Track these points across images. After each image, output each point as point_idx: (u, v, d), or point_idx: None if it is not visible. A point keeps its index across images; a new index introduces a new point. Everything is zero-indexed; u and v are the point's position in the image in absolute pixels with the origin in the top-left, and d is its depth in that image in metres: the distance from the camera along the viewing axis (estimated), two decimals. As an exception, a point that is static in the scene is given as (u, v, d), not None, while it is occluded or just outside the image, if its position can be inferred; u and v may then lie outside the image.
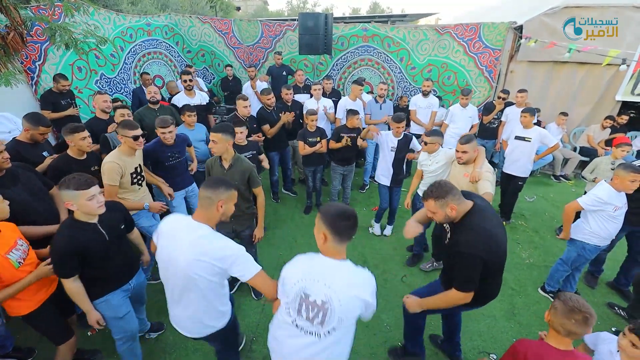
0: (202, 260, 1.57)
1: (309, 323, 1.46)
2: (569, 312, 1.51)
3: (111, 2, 8.43)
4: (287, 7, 36.60)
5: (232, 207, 1.76)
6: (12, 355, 2.51)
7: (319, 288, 1.44)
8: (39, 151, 2.78)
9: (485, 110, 5.45)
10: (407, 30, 6.16)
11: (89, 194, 1.81)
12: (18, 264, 1.87)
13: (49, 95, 4.35)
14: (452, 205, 1.85)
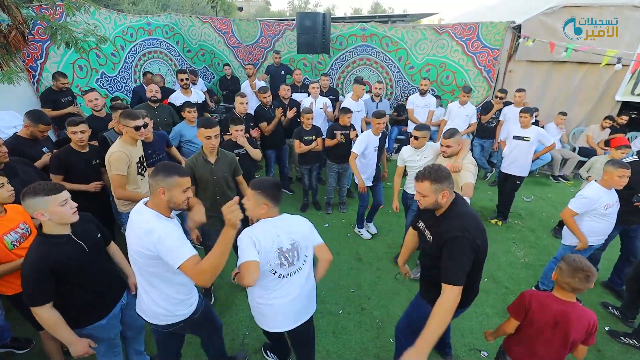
0: (136, 244, 1.60)
1: (292, 265, 1.85)
2: (573, 272, 1.68)
3: (112, 2, 8.51)
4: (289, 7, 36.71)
5: (179, 195, 1.67)
6: (10, 346, 2.56)
7: (284, 238, 1.82)
8: (38, 147, 2.83)
9: (483, 109, 5.46)
10: (405, 29, 6.18)
11: (61, 199, 1.62)
12: (12, 245, 1.94)
13: (49, 93, 4.41)
14: (446, 192, 1.78)
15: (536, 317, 1.76)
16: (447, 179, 1.78)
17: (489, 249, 3.91)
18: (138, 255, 1.62)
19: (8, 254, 1.92)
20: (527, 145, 4.11)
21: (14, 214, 2.02)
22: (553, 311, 1.73)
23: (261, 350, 2.68)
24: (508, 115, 5.06)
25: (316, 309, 3.02)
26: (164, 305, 1.75)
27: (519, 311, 1.83)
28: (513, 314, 1.87)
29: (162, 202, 1.65)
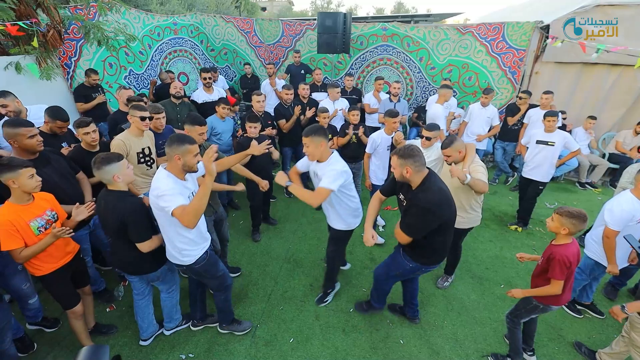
0: (151, 199, 2.01)
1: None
2: (570, 218, 2.06)
3: (141, 2, 8.85)
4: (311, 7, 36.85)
5: (191, 159, 2.05)
6: (40, 324, 2.74)
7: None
8: (58, 142, 2.96)
9: (508, 111, 5.31)
10: (427, 29, 6.10)
11: (126, 164, 2.17)
12: (38, 231, 2.07)
13: (81, 88, 4.65)
14: (408, 168, 2.10)
15: (574, 266, 2.13)
16: (412, 157, 2.09)
17: (507, 255, 3.83)
18: (153, 207, 2.06)
19: (34, 239, 2.05)
20: (552, 150, 3.96)
21: (41, 202, 2.15)
22: (576, 254, 2.12)
23: (271, 343, 2.73)
24: (533, 118, 4.89)
25: (327, 307, 3.10)
26: (172, 250, 2.22)
27: (565, 272, 2.11)
28: (562, 277, 2.11)
29: (178, 165, 2.04)
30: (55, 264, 2.22)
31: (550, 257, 2.13)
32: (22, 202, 2.03)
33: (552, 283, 2.14)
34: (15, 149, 2.33)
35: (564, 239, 2.15)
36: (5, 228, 1.92)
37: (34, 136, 2.33)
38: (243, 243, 4.03)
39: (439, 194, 2.11)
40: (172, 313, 2.71)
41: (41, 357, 2.57)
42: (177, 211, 1.93)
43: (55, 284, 2.26)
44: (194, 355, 2.62)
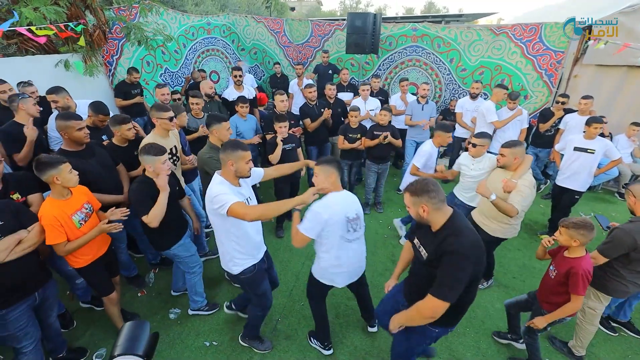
0: (207, 202, 2.06)
1: (356, 232, 2.24)
2: (577, 229, 2.02)
3: (178, 3, 9.22)
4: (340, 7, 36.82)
5: (243, 165, 2.09)
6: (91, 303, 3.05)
7: (352, 209, 2.21)
8: (99, 135, 3.17)
9: (541, 117, 5.08)
10: (459, 30, 5.96)
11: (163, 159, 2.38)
12: (80, 224, 2.21)
13: (122, 85, 4.94)
14: (425, 206, 1.70)
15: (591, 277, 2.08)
16: (427, 193, 1.68)
17: (536, 265, 3.70)
18: (210, 215, 2.10)
19: (77, 232, 2.19)
20: (591, 158, 3.74)
21: (79, 195, 2.27)
22: (592, 265, 2.13)
23: (291, 337, 2.79)
24: (570, 124, 4.65)
25: (347, 305, 3.12)
26: (223, 257, 2.31)
27: (587, 286, 2.08)
28: (584, 292, 2.06)
29: (231, 171, 2.10)
30: (92, 256, 2.37)
31: (572, 272, 2.04)
32: (63, 197, 2.15)
33: (574, 299, 2.07)
34: (65, 141, 2.52)
35: (578, 251, 2.09)
36: (50, 223, 2.03)
37: (82, 129, 2.51)
38: (266, 239, 4.10)
39: (472, 236, 1.66)
40: (192, 294, 2.89)
41: (80, 334, 2.77)
42: (234, 206, 1.91)
43: (92, 274, 2.41)
44: (218, 343, 2.73)
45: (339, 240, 2.19)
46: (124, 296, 3.10)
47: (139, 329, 1.05)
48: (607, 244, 2.35)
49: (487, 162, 3.16)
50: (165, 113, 2.88)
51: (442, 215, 1.72)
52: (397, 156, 6.25)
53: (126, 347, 1.00)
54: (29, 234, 2.00)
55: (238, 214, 1.91)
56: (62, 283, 2.83)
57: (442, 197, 1.71)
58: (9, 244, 1.88)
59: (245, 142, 4.04)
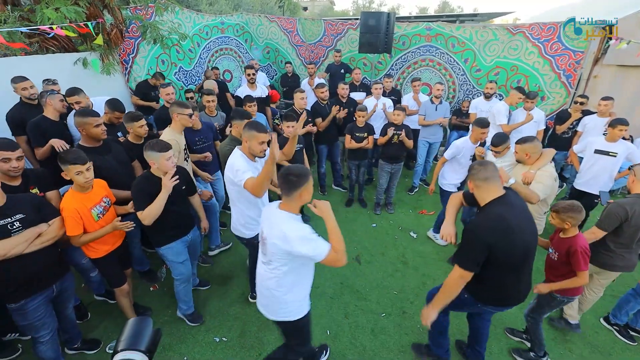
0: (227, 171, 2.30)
1: (264, 255, 1.88)
2: (566, 212, 2.19)
3: (192, 3, 9.33)
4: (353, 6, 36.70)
5: (256, 145, 2.29)
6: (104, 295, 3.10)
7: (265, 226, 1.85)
8: (114, 131, 3.23)
9: (557, 119, 4.95)
10: (474, 29, 5.86)
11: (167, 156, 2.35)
12: (98, 217, 2.27)
13: (144, 85, 4.99)
14: (471, 184, 1.97)
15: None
16: (477, 172, 1.90)
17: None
18: (228, 182, 2.35)
19: (94, 225, 2.25)
20: (613, 161, 3.60)
21: (98, 189, 2.35)
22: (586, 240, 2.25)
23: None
24: (589, 126, 4.52)
25: (356, 305, 3.10)
26: (238, 223, 2.54)
27: (587, 261, 2.20)
28: (587, 267, 2.18)
29: (245, 148, 2.32)
30: (109, 248, 2.44)
31: (571, 250, 2.20)
32: (84, 191, 2.22)
33: (580, 274, 2.21)
34: (83, 137, 2.58)
35: (572, 231, 2.25)
36: (71, 215, 2.12)
37: (99, 125, 2.56)
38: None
39: (493, 220, 1.82)
40: (177, 299, 2.83)
41: (94, 325, 2.84)
42: (248, 182, 2.19)
43: (106, 265, 2.48)
44: (227, 339, 2.75)
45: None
46: (136, 290, 3.15)
47: (142, 325, 1.09)
48: (603, 218, 2.53)
49: (511, 157, 3.22)
50: (186, 109, 2.94)
51: (486, 193, 1.92)
52: (408, 156, 6.19)
53: (129, 343, 1.03)
54: (49, 227, 2.05)
55: (251, 191, 2.21)
56: (77, 276, 2.89)
57: (485, 176, 1.89)
58: (29, 236, 1.93)
59: None
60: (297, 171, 1.74)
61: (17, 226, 1.91)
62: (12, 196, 1.94)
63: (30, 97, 3.25)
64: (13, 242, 1.87)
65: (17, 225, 1.91)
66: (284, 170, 1.75)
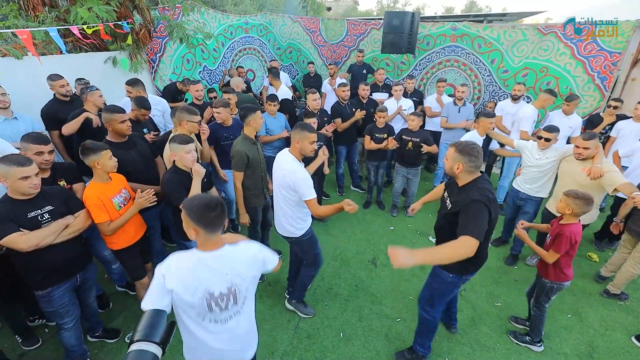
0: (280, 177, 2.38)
1: (226, 310, 1.48)
2: (575, 199, 2.28)
3: (218, 3, 9.52)
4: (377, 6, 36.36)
5: (307, 145, 2.35)
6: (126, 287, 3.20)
7: (217, 281, 1.43)
8: (140, 128, 3.33)
9: (589, 123, 4.69)
10: (502, 29, 5.65)
11: (187, 148, 2.41)
12: (119, 207, 2.36)
13: (173, 88, 5.07)
14: (460, 164, 1.99)
15: (577, 244, 2.34)
16: (469, 155, 1.96)
17: (579, 283, 3.44)
18: (282, 187, 2.40)
19: (116, 214, 2.33)
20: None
21: (117, 181, 2.43)
22: (580, 232, 2.35)
23: (313, 336, 2.78)
24: (623, 131, 4.24)
25: (371, 309, 3.06)
26: (287, 223, 2.58)
27: (567, 247, 2.33)
28: (561, 251, 2.34)
29: (297, 149, 2.39)
30: (131, 239, 2.51)
31: (559, 234, 2.35)
32: (104, 181, 2.32)
33: (550, 253, 2.39)
34: (109, 132, 2.68)
35: (570, 219, 2.36)
36: (94, 202, 2.21)
37: (125, 121, 2.65)
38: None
39: (489, 194, 1.93)
40: None
41: (115, 315, 2.95)
42: (311, 202, 2.31)
43: (127, 257, 2.55)
44: (241, 336, 2.78)
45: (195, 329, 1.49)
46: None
47: (158, 317, 1.11)
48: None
49: (554, 152, 3.21)
50: (195, 117, 2.96)
51: (469, 177, 2.03)
52: (429, 159, 6.06)
53: (145, 334, 1.05)
54: (76, 219, 2.14)
55: (311, 209, 2.37)
56: (100, 267, 3.01)
57: (479, 165, 2.00)
58: (57, 227, 2.03)
59: (274, 138, 4.10)
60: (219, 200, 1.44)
61: (47, 218, 2.01)
62: (42, 189, 2.04)
63: (64, 94, 3.42)
64: (44, 233, 1.96)
65: (47, 217, 2.01)
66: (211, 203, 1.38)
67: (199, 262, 1.42)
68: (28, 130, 3.08)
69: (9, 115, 3.15)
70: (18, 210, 1.92)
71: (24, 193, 1.92)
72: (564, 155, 3.17)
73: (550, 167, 3.25)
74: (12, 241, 1.86)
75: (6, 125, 3.10)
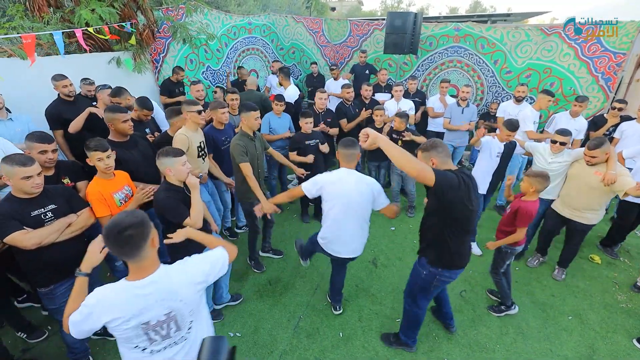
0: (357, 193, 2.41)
1: (168, 338, 1.39)
2: (536, 177, 2.63)
3: (221, 3, 9.56)
4: (381, 7, 36.29)
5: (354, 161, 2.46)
6: None
7: (153, 310, 1.32)
8: (142, 128, 3.37)
9: (592, 124, 4.65)
10: (505, 30, 5.63)
11: (182, 160, 2.25)
12: (120, 203, 2.40)
13: (168, 83, 5.19)
14: (433, 159, 2.08)
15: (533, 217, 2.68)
16: (435, 148, 2.08)
17: (580, 284, 3.42)
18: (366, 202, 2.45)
19: (117, 210, 2.36)
20: None
21: (120, 178, 2.48)
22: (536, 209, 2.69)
23: (312, 335, 2.80)
24: (627, 133, 4.19)
25: (370, 309, 3.07)
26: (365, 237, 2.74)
27: (528, 221, 2.63)
28: (525, 225, 2.65)
29: (352, 165, 2.46)
30: None
31: (519, 210, 2.63)
32: (106, 177, 2.37)
33: (518, 231, 2.67)
34: (112, 131, 2.71)
35: (532, 196, 2.68)
36: (96, 197, 2.26)
37: (127, 121, 2.68)
38: (295, 235, 4.16)
39: (451, 177, 1.91)
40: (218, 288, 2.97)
41: (117, 313, 2.97)
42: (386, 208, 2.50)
43: None
44: (241, 335, 2.80)
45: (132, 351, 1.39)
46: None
47: (218, 343, 1.09)
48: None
49: (567, 156, 3.24)
50: (194, 107, 2.97)
51: (446, 166, 2.07)
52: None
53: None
54: (78, 217, 2.18)
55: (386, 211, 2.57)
56: (102, 264, 3.04)
57: (448, 153, 2.11)
58: (60, 226, 2.06)
59: (275, 138, 4.13)
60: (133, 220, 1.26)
61: (50, 216, 2.04)
62: (45, 187, 2.07)
63: (68, 94, 3.46)
64: (47, 231, 2.00)
65: (50, 215, 2.04)
66: (113, 228, 1.23)
67: (127, 293, 1.30)
68: (24, 130, 3.06)
69: (3, 116, 3.11)
70: (21, 209, 1.95)
71: (26, 192, 1.96)
72: (576, 159, 3.18)
73: (563, 170, 3.27)
74: (15, 239, 1.89)
75: (2, 127, 3.06)
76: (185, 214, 2.22)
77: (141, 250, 1.28)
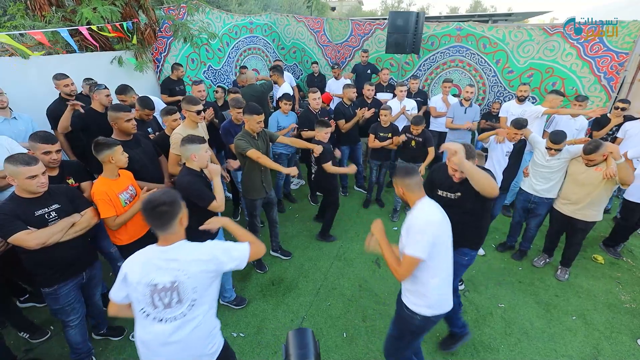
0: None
1: (168, 308, 1.47)
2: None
3: (223, 3, 9.55)
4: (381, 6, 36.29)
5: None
6: None
7: (162, 273, 1.46)
8: (145, 127, 3.37)
9: (596, 124, 4.65)
10: (507, 29, 5.62)
11: (205, 147, 2.39)
12: (125, 203, 2.38)
13: (168, 82, 5.18)
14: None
15: None
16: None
17: (584, 284, 3.42)
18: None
19: (122, 210, 2.35)
20: None
21: (125, 178, 2.47)
22: None
23: (317, 335, 2.78)
24: (630, 132, 4.20)
25: (374, 309, 3.06)
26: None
27: None
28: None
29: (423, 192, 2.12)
30: (136, 235, 2.52)
31: None
32: (112, 177, 2.35)
33: None
34: (115, 130, 2.70)
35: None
36: (101, 197, 2.24)
37: (130, 120, 2.68)
38: (297, 236, 4.16)
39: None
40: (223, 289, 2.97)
41: (120, 314, 2.96)
42: None
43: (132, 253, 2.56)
44: (245, 335, 2.79)
45: (138, 314, 1.52)
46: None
47: (303, 335, 1.08)
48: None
49: (565, 154, 3.21)
50: (193, 106, 3.02)
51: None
52: (435, 160, 6.03)
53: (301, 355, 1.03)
54: (82, 217, 2.17)
55: None
56: (105, 265, 3.03)
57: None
58: (64, 225, 2.05)
59: (282, 133, 4.12)
60: (167, 199, 1.47)
61: (54, 216, 2.03)
62: (49, 187, 2.06)
63: (69, 94, 3.44)
64: (51, 231, 1.99)
65: (54, 215, 2.03)
66: (149, 204, 1.44)
67: (150, 254, 1.52)
68: (28, 130, 3.09)
69: (7, 115, 3.11)
70: (25, 209, 1.94)
71: (31, 191, 1.94)
72: (574, 156, 3.18)
73: (561, 167, 3.28)
74: (19, 239, 1.88)
75: (5, 126, 3.06)
76: (212, 197, 2.39)
77: (170, 225, 1.48)
